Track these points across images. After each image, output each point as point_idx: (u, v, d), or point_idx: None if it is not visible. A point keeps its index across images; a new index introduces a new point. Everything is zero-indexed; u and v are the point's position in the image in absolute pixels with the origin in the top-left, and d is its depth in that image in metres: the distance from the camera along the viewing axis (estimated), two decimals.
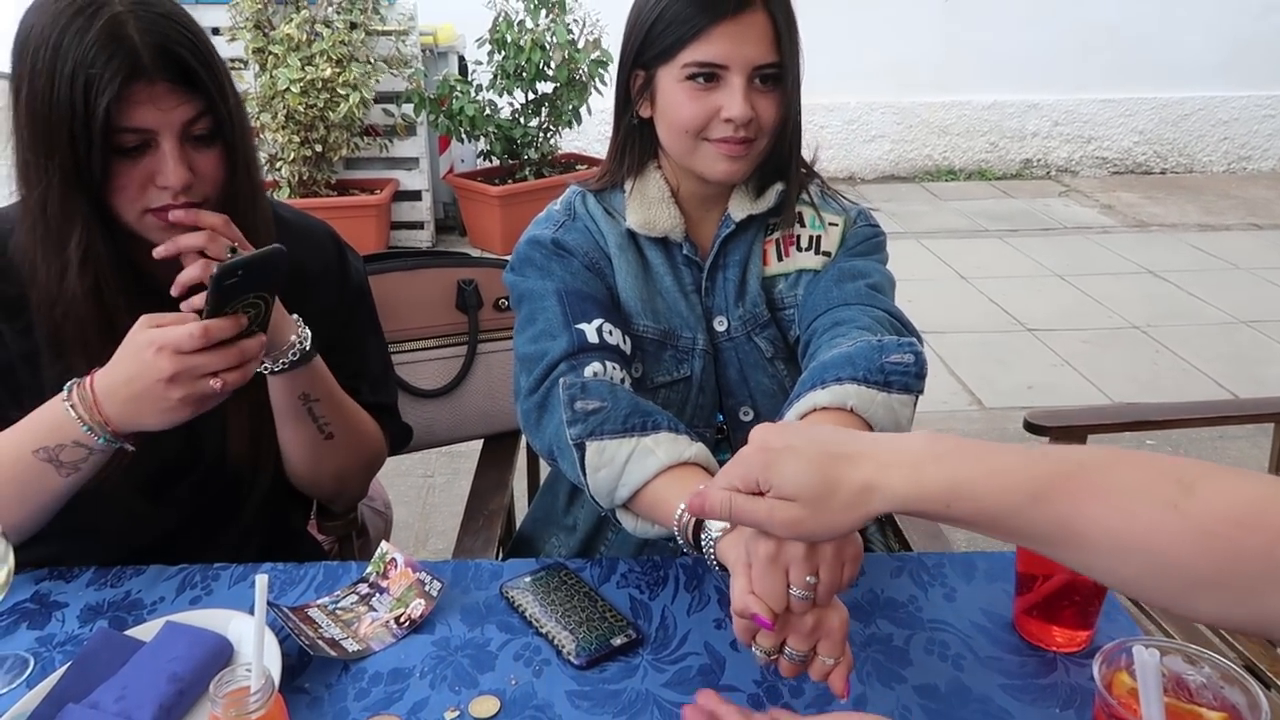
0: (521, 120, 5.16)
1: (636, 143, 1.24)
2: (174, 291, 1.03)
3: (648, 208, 1.22)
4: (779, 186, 1.23)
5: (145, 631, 0.97)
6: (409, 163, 5.27)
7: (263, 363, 1.10)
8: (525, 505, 1.67)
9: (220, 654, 0.94)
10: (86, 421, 0.98)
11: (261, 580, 0.73)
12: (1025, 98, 6.81)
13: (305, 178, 4.84)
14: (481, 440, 1.72)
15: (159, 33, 0.98)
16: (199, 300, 0.99)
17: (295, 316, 1.14)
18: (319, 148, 4.77)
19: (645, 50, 1.16)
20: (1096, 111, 6.86)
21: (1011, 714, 0.91)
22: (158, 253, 1.03)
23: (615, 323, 1.17)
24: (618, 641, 0.99)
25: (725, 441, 1.29)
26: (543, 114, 5.19)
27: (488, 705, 0.92)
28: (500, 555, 1.44)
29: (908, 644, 1.01)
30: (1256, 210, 6.10)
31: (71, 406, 0.98)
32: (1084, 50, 6.64)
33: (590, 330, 1.13)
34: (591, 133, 5.90)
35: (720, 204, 1.25)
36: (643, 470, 1.00)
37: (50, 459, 1.01)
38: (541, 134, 5.25)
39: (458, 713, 0.91)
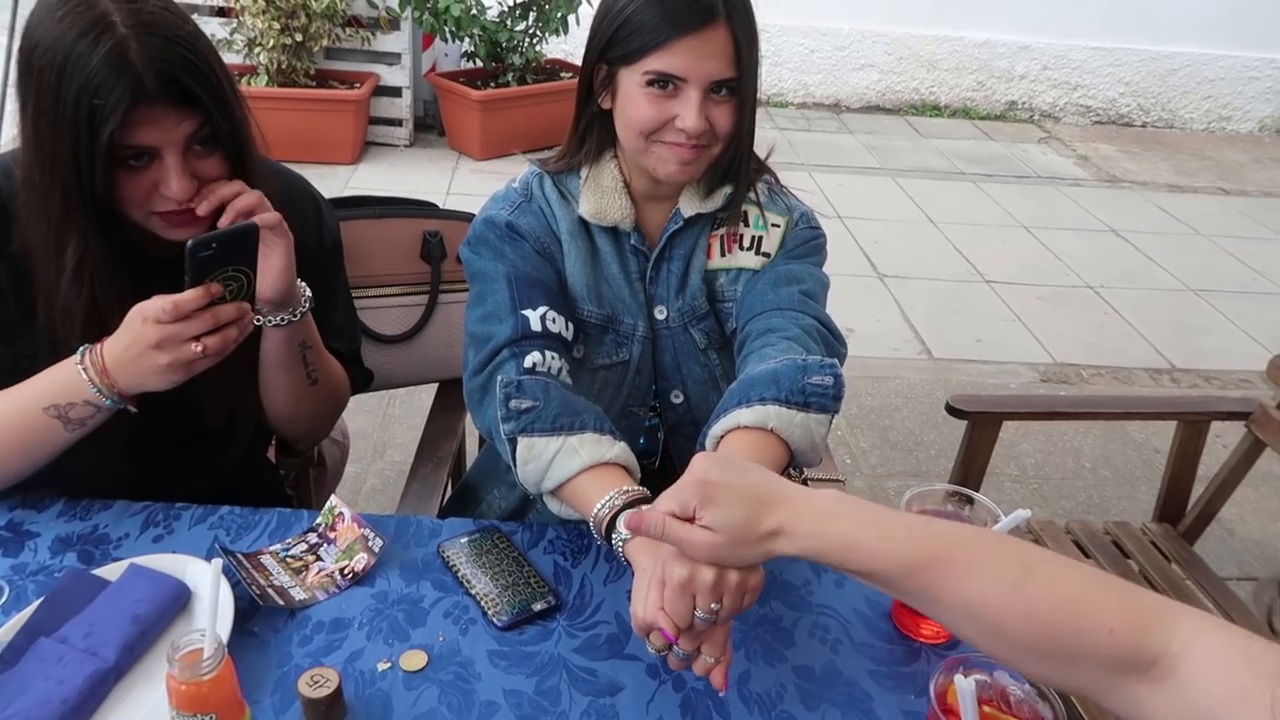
0: (508, 24, 5.09)
1: (595, 131, 1.30)
2: (200, 211, 1.10)
3: (600, 197, 1.29)
4: (727, 189, 1.30)
5: (111, 572, 1.07)
6: (390, 58, 5.21)
7: (280, 316, 1.21)
8: (477, 448, 1.78)
9: (178, 599, 1.04)
10: (96, 384, 1.08)
11: (216, 564, 0.83)
12: (1018, 39, 6.79)
13: (284, 66, 4.78)
14: (437, 384, 1.82)
15: (161, 58, 1.01)
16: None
17: None
18: (299, 36, 4.70)
19: (610, 48, 1.21)
20: (1086, 59, 6.86)
21: (872, 698, 1.05)
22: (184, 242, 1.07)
23: (560, 309, 1.25)
24: (538, 607, 1.11)
25: (658, 417, 1.40)
26: (530, 18, 5.12)
27: (417, 659, 1.04)
28: (444, 499, 1.55)
29: (794, 626, 1.14)
30: (1227, 174, 6.19)
31: (84, 369, 1.08)
32: None
33: (534, 318, 1.22)
34: (579, 39, 5.80)
35: (671, 198, 1.32)
36: (566, 468, 1.10)
37: (59, 415, 1.11)
38: (528, 39, 5.18)
39: (389, 664, 1.03)
